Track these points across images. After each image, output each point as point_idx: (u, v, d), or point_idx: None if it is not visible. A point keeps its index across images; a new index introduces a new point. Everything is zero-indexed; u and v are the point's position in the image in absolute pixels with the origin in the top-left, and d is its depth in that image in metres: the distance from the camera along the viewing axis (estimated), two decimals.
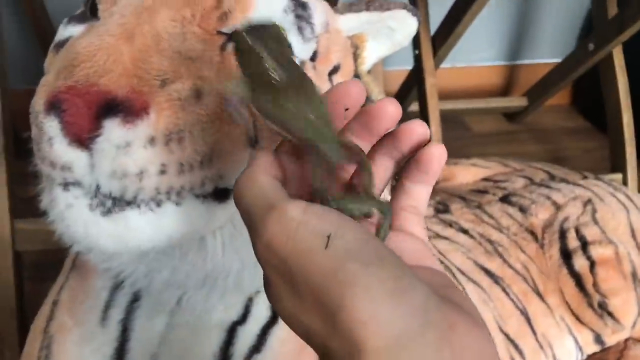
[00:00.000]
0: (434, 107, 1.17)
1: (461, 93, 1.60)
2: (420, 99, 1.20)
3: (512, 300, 0.78)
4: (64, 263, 0.60)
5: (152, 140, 0.37)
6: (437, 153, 0.33)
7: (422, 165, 0.33)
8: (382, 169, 0.35)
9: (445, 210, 0.90)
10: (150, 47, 0.38)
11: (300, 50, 0.47)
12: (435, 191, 0.99)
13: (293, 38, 0.46)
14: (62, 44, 0.46)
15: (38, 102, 0.38)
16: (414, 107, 1.28)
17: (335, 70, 0.51)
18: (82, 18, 0.46)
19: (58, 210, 0.41)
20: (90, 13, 0.46)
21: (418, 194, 0.35)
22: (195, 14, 0.42)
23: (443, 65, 1.30)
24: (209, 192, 0.41)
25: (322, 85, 0.49)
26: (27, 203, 0.83)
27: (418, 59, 1.20)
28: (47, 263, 0.79)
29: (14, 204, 0.90)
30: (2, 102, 0.90)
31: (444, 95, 1.38)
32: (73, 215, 0.40)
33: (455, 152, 1.24)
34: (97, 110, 0.35)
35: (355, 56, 0.55)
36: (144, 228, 0.39)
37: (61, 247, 0.47)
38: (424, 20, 1.19)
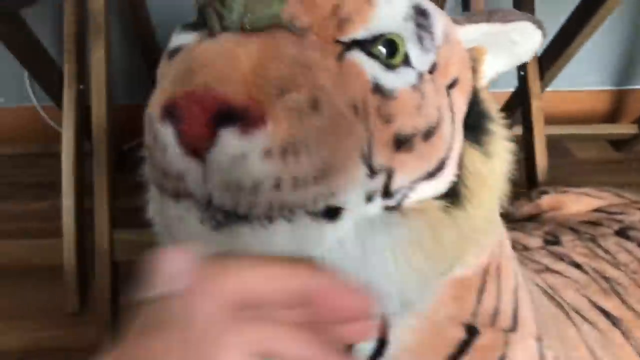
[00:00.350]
0: (540, 131, 1.10)
1: (564, 118, 1.52)
2: (525, 122, 1.14)
3: (632, 345, 0.70)
4: None
5: (268, 152, 0.34)
6: None
7: None
8: None
9: (555, 242, 0.84)
10: (269, 54, 0.36)
11: (419, 61, 0.44)
12: (544, 221, 0.92)
13: (412, 48, 0.43)
14: (175, 51, 0.45)
15: (154, 108, 0.36)
16: (517, 130, 1.22)
17: (454, 83, 0.48)
18: (196, 26, 0.45)
19: (167, 222, 0.39)
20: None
21: None
22: (313, 22, 0.40)
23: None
24: (320, 210, 0.39)
25: (440, 99, 0.45)
26: (126, 214, 0.84)
27: (523, 81, 1.14)
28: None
29: (114, 215, 0.91)
30: (107, 116, 0.92)
31: (546, 120, 1.31)
32: (183, 228, 0.38)
33: (558, 180, 1.17)
34: (213, 118, 0.34)
35: (474, 70, 0.51)
36: (254, 245, 0.37)
37: None
38: None
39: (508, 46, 0.52)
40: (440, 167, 0.46)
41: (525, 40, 0.51)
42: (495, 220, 0.52)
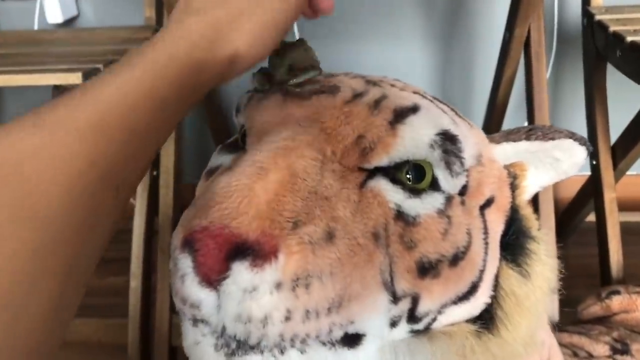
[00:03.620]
0: (614, 224, 1.05)
1: None
2: (598, 213, 1.09)
3: None
4: None
5: (278, 285, 0.35)
6: None
7: None
8: None
9: (625, 350, 0.78)
10: (285, 188, 0.37)
11: (448, 185, 0.44)
12: (613, 324, 0.87)
13: (440, 172, 0.43)
14: (213, 171, 0.48)
15: (176, 238, 0.38)
16: (592, 216, 1.16)
17: (488, 203, 0.47)
18: (233, 147, 0.48)
19: (187, 344, 0.40)
20: (242, 141, 0.47)
21: None
22: (337, 150, 0.41)
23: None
24: (337, 338, 0.38)
25: (472, 221, 0.45)
26: None
27: (596, 170, 1.10)
28: None
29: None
30: (173, 203, 0.96)
31: (626, 206, 1.25)
32: (199, 352, 0.39)
33: (634, 268, 1.09)
34: (227, 252, 0.35)
35: (514, 186, 0.50)
36: None
37: None
38: (602, 128, 1.09)
39: (551, 162, 0.50)
40: (471, 291, 0.45)
41: (568, 157, 0.49)
42: (535, 343, 0.50)
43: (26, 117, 0.30)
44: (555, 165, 0.50)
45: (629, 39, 0.91)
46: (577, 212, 1.27)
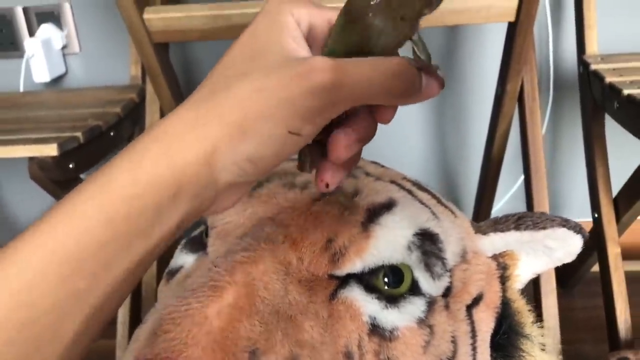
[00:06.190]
0: (619, 281, 1.00)
1: None
2: (602, 268, 1.04)
3: None
4: None
5: None
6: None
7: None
8: None
9: None
10: (242, 312, 0.34)
11: (430, 288, 0.40)
12: None
13: (420, 275, 0.40)
14: (174, 272, 0.44)
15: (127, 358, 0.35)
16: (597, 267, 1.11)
17: (476, 301, 0.43)
18: (196, 245, 0.44)
19: None
20: (204, 242, 0.43)
21: None
22: (303, 257, 0.38)
23: None
24: None
25: (458, 325, 0.41)
26: None
27: (598, 224, 1.05)
28: None
29: None
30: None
31: (632, 254, 1.20)
32: None
33: None
34: None
35: (504, 278, 0.46)
36: None
37: None
38: (603, 180, 1.06)
39: (544, 251, 0.47)
40: None
41: (562, 246, 0.46)
42: None
43: None
44: (549, 253, 0.47)
45: (626, 92, 0.88)
46: (581, 263, 1.22)
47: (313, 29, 0.32)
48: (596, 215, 1.06)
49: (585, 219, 1.15)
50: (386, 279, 0.39)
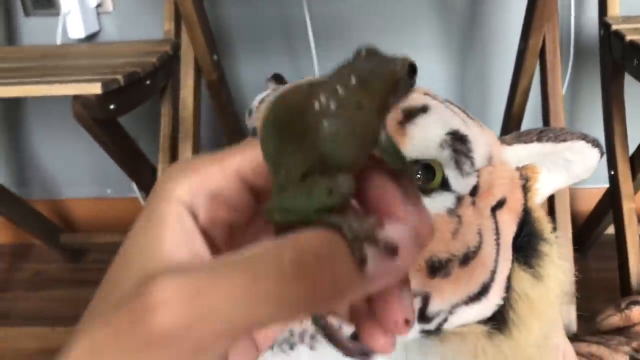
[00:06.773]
0: (633, 235, 1.03)
1: None
2: (617, 224, 1.07)
3: None
4: None
5: None
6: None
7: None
8: None
9: None
10: None
11: (459, 184, 0.44)
12: (632, 335, 0.85)
13: (451, 172, 0.44)
14: None
15: None
16: (611, 229, 1.15)
17: (499, 204, 0.47)
18: None
19: None
20: None
21: None
22: None
23: None
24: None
25: (483, 221, 0.45)
26: None
27: (614, 181, 1.09)
28: None
29: None
30: None
31: None
32: None
33: None
34: None
35: (526, 189, 0.50)
36: None
37: None
38: (620, 138, 1.08)
39: (563, 164, 0.50)
40: (483, 291, 0.44)
41: (580, 159, 0.49)
42: (548, 346, 0.49)
43: None
44: (568, 167, 0.50)
45: None
46: (596, 225, 1.25)
47: (219, 194, 0.23)
48: (612, 173, 1.09)
49: (601, 184, 1.18)
50: (419, 175, 0.43)
